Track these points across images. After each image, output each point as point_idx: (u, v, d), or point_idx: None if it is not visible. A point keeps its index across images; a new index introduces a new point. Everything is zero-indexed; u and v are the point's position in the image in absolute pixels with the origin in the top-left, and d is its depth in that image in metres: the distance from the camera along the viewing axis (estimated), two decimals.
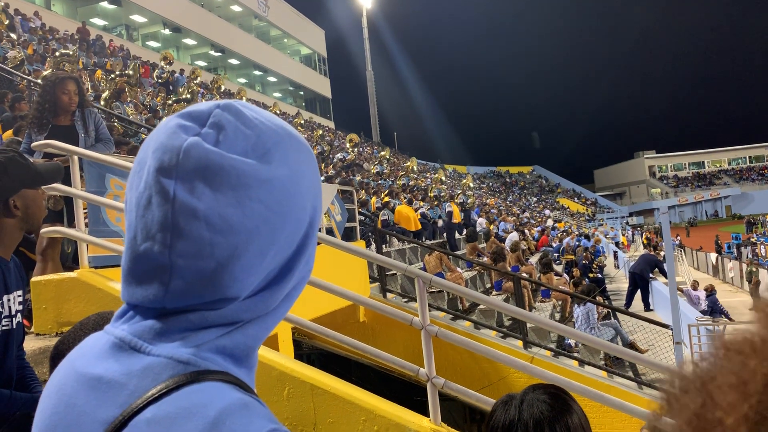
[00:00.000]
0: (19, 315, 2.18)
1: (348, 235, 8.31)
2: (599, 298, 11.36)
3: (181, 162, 0.59)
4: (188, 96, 16.53)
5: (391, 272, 8.70)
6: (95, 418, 0.58)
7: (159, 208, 0.59)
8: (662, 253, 21.53)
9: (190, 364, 0.59)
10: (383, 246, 10.81)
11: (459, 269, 10.78)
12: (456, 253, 12.77)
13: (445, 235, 14.81)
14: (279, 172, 0.62)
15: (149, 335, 0.61)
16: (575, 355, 8.23)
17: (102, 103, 12.05)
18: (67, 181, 3.87)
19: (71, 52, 14.34)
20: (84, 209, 4.18)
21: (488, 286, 11.94)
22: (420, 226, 13.19)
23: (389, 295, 8.53)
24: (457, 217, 15.60)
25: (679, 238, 35.80)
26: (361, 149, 31.33)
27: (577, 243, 22.15)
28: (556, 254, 19.23)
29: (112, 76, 15.08)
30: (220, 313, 0.62)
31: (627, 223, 59.17)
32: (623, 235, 39.49)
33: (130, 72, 15.55)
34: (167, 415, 0.55)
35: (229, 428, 0.54)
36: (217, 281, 0.60)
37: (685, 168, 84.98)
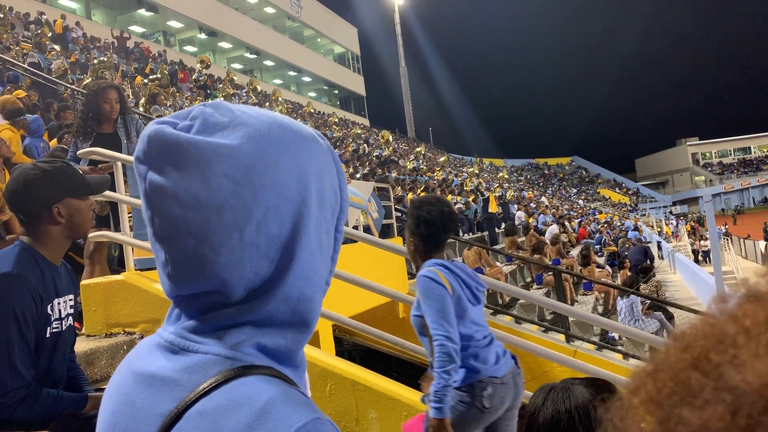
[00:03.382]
0: (70, 318, 2.26)
1: (385, 232, 8.32)
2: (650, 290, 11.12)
3: (147, 147, 0.65)
4: (221, 99, 16.80)
5: None
6: (153, 413, 0.63)
7: (142, 192, 0.66)
8: (707, 243, 20.95)
9: (236, 359, 0.63)
10: None
11: (498, 264, 10.70)
12: (495, 247, 12.67)
13: (484, 227, 14.72)
14: (246, 148, 0.64)
15: (193, 335, 0.66)
16: (619, 348, 8.09)
17: (141, 109, 12.33)
18: (112, 187, 3.98)
19: (106, 59, 14.70)
20: (128, 213, 4.29)
21: (528, 280, 11.82)
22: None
23: None
24: (494, 207, 15.45)
25: (726, 226, 34.81)
26: (396, 146, 31.34)
27: (621, 236, 21.73)
28: (597, 246, 18.92)
29: (145, 81, 15.42)
30: (247, 308, 0.65)
31: (670, 212, 57.76)
32: (667, 225, 38.58)
33: (159, 75, 15.85)
34: (217, 407, 0.59)
35: (275, 417, 0.58)
36: (202, 258, 0.64)
37: (730, 154, 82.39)
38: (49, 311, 2.13)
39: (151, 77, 15.87)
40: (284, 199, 0.66)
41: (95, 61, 14.35)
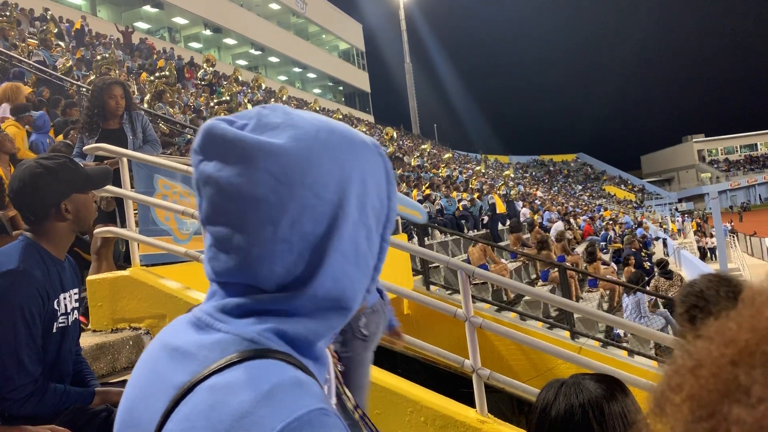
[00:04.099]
0: (75, 312, 2.27)
1: None
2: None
3: (201, 140, 0.70)
4: (227, 97, 16.75)
5: (434, 265, 8.69)
6: (170, 383, 0.66)
7: (194, 181, 0.71)
8: (713, 240, 20.91)
9: (254, 341, 0.66)
10: (425, 238, 10.80)
11: (503, 260, 10.69)
12: (500, 244, 12.66)
13: (488, 224, 14.71)
14: (290, 148, 0.67)
15: (221, 315, 0.69)
16: (624, 345, 8.08)
17: (145, 105, 12.34)
18: (118, 183, 3.99)
19: (108, 55, 14.72)
20: (134, 209, 4.30)
21: (533, 276, 11.81)
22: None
23: (433, 287, 8.52)
24: (501, 208, 15.45)
25: (731, 223, 34.70)
26: (401, 142, 31.31)
27: (627, 233, 21.66)
28: (603, 243, 18.86)
29: (151, 78, 15.43)
30: (276, 299, 0.68)
31: (676, 209, 57.56)
32: (672, 222, 38.46)
33: (167, 73, 15.84)
34: (227, 384, 0.62)
35: (280, 402, 0.60)
36: (236, 247, 0.68)
37: (737, 151, 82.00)
38: (56, 306, 2.14)
39: (158, 74, 15.86)
40: (321, 200, 0.68)
41: (98, 58, 14.37)
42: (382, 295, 2.98)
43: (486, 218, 14.70)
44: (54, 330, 2.13)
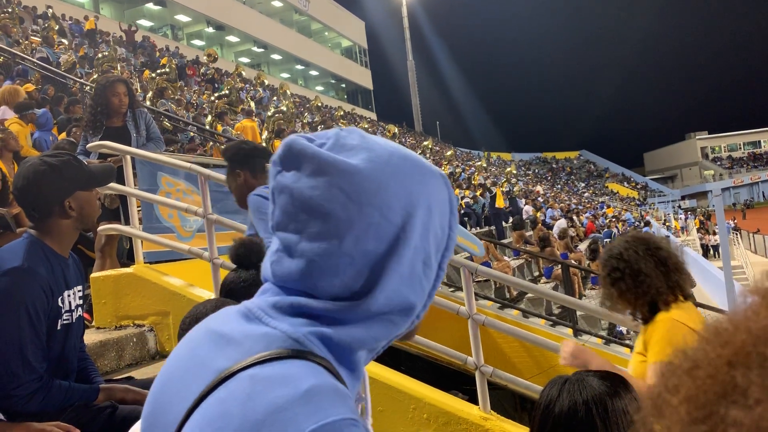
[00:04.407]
0: (79, 309, 2.28)
1: None
2: None
3: (282, 152, 0.74)
4: (226, 92, 16.73)
5: None
6: (211, 367, 0.68)
7: (270, 189, 0.76)
8: (716, 237, 20.89)
9: (299, 342, 0.69)
10: None
11: (506, 258, 10.68)
12: (502, 241, 12.65)
13: (492, 221, 14.70)
14: (363, 168, 0.71)
15: (273, 311, 0.72)
16: (627, 342, 8.08)
17: (148, 103, 12.34)
18: (121, 180, 4.00)
19: (107, 53, 14.71)
20: (138, 207, 4.31)
21: (536, 274, 11.80)
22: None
23: None
24: (501, 202, 15.43)
25: (735, 220, 34.62)
26: (403, 139, 31.28)
27: (629, 230, 21.63)
28: (606, 240, 18.87)
29: (153, 75, 15.42)
30: (329, 307, 0.71)
31: (679, 206, 57.46)
32: (675, 219, 38.39)
33: (167, 69, 15.83)
34: (267, 377, 0.64)
35: (316, 404, 0.62)
36: (301, 254, 0.71)
37: (740, 148, 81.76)
38: (60, 303, 2.14)
39: (159, 71, 15.86)
40: (386, 221, 0.71)
41: (99, 56, 14.37)
42: None
43: (487, 212, 14.73)
44: (58, 327, 2.14)
